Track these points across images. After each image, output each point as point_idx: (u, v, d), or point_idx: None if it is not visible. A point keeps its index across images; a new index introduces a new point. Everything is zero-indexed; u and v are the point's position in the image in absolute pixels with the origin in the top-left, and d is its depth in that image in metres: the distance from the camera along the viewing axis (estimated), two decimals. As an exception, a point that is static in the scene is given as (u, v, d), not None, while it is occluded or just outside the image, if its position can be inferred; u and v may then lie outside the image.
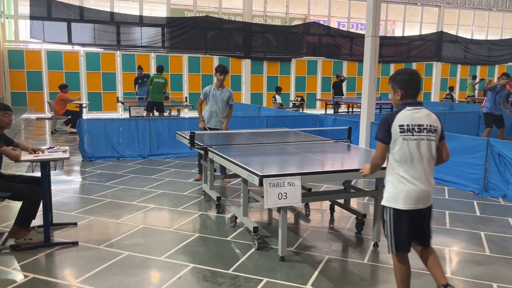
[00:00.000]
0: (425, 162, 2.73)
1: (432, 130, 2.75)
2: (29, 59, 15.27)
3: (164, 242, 4.13)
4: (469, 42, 21.46)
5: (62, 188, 6.01)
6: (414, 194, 2.73)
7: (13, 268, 3.57)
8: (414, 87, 2.82)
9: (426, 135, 2.72)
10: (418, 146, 2.71)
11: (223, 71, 6.19)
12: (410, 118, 2.73)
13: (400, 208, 2.74)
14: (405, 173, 2.73)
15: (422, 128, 2.72)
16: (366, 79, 7.59)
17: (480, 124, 10.60)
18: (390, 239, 2.82)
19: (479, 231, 4.55)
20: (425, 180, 2.74)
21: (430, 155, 2.75)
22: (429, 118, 2.77)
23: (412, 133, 2.70)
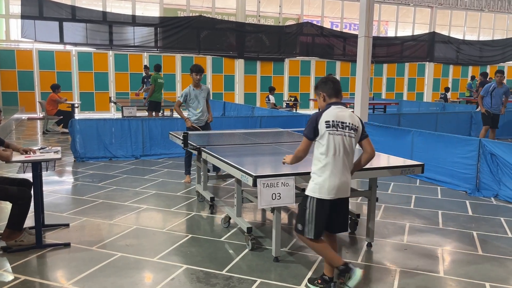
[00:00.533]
0: (346, 156, 3.05)
1: (354, 128, 3.07)
2: (20, 59, 15.13)
3: (157, 243, 4.10)
4: (461, 43, 21.62)
5: (54, 189, 5.96)
6: (336, 184, 3.03)
7: (4, 270, 3.53)
8: (334, 89, 3.13)
9: (348, 132, 3.04)
10: (342, 141, 3.02)
11: (198, 70, 6.21)
12: (335, 115, 3.04)
13: (324, 198, 3.04)
14: (329, 165, 3.02)
15: (345, 126, 3.04)
16: (359, 79, 7.61)
17: (472, 124, 10.68)
18: (310, 226, 3.09)
19: (471, 230, 4.58)
20: (346, 172, 3.08)
21: (350, 150, 3.08)
22: (352, 118, 3.09)
23: (336, 129, 3.01)
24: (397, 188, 6.24)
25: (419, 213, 5.15)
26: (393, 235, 4.41)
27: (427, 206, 5.40)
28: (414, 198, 5.77)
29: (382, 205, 5.37)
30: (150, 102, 11.09)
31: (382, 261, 3.79)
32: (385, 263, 3.74)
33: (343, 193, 3.08)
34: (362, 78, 7.56)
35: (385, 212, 5.17)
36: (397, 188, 6.26)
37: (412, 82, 21.42)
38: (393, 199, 5.69)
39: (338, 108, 3.07)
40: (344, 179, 3.05)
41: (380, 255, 3.93)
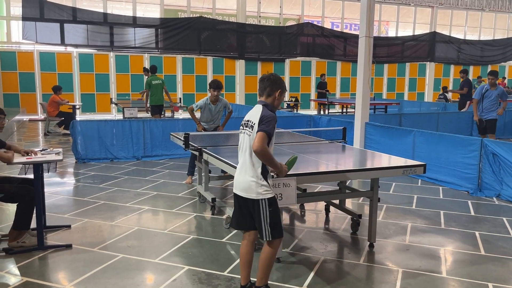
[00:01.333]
0: (244, 154, 3.02)
1: (249, 125, 2.98)
2: (21, 60, 15.15)
3: (158, 244, 4.10)
4: (462, 43, 21.60)
5: (56, 190, 5.96)
6: (236, 180, 3.08)
7: (6, 271, 3.53)
8: (259, 88, 3.13)
9: (245, 130, 3.03)
10: (242, 139, 3.05)
11: (216, 87, 6.10)
12: (247, 114, 3.10)
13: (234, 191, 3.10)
14: (238, 161, 3.11)
15: (244, 123, 3.06)
16: (360, 80, 7.60)
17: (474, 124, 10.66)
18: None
19: (473, 230, 4.57)
20: (243, 170, 3.01)
21: (247, 148, 2.99)
22: (252, 114, 3.03)
23: (242, 127, 3.07)
24: (399, 188, 6.23)
25: (421, 213, 5.14)
26: (395, 235, 4.41)
27: (429, 206, 5.39)
28: (416, 198, 5.76)
29: (384, 205, 5.36)
30: (152, 107, 10.54)
31: (384, 261, 3.79)
32: (387, 264, 3.73)
33: (240, 190, 3.02)
34: (363, 78, 7.55)
35: (387, 212, 5.16)
36: (399, 188, 6.25)
37: (413, 82, 21.39)
38: (395, 199, 5.68)
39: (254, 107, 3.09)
40: (240, 177, 3.03)
41: (382, 255, 3.92)
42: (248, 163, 2.97)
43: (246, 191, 2.99)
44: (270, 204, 2.96)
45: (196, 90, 17.37)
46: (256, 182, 2.94)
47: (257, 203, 2.96)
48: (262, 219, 2.96)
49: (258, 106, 3.03)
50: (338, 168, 3.90)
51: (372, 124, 7.82)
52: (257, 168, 2.95)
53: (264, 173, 2.96)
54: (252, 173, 2.96)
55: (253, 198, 2.95)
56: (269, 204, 2.96)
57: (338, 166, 4.09)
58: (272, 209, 2.97)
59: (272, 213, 2.97)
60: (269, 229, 2.96)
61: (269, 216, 2.95)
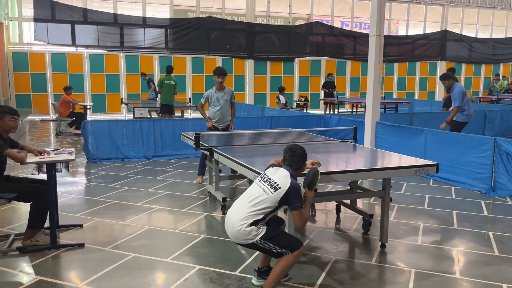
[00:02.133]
0: (248, 203, 3.04)
1: (272, 185, 3.04)
2: (33, 61, 15.31)
3: (170, 244, 4.11)
4: (474, 41, 21.35)
5: (67, 189, 6.01)
6: (227, 218, 3.14)
7: (20, 270, 3.56)
8: (287, 157, 3.22)
9: (264, 185, 3.09)
10: (255, 190, 3.11)
11: (221, 73, 6.21)
12: (270, 170, 3.21)
13: None
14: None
15: (266, 178, 3.13)
16: (371, 79, 7.55)
17: (486, 123, 10.55)
18: None
19: (487, 231, 4.51)
20: (235, 213, 3.07)
21: (258, 202, 3.02)
22: (277, 175, 3.10)
23: (261, 181, 3.15)
24: (410, 188, 6.18)
25: (433, 213, 5.09)
26: (407, 235, 4.37)
27: (441, 207, 5.34)
28: (428, 198, 5.71)
29: (395, 205, 5.31)
30: (161, 105, 10.92)
31: (396, 262, 3.76)
32: (400, 264, 3.70)
33: (231, 234, 3.07)
34: (373, 78, 7.50)
35: (399, 212, 5.12)
36: (410, 188, 6.20)
37: (423, 81, 21.21)
38: (406, 199, 5.63)
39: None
40: (231, 219, 3.07)
41: (394, 256, 3.89)
42: (246, 213, 2.97)
43: (236, 239, 3.03)
44: (268, 238, 2.95)
45: (206, 90, 17.28)
46: (244, 230, 2.94)
47: (255, 246, 2.99)
48: (272, 251, 2.98)
49: (285, 172, 3.08)
50: (350, 167, 3.88)
51: (383, 123, 7.77)
52: (251, 220, 2.96)
53: (256, 223, 2.97)
54: (244, 222, 2.95)
55: (247, 244, 2.99)
56: (266, 238, 2.95)
57: (350, 165, 4.07)
58: (273, 239, 2.96)
59: (276, 240, 2.96)
60: (285, 250, 2.97)
61: (275, 245, 2.96)
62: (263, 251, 3.06)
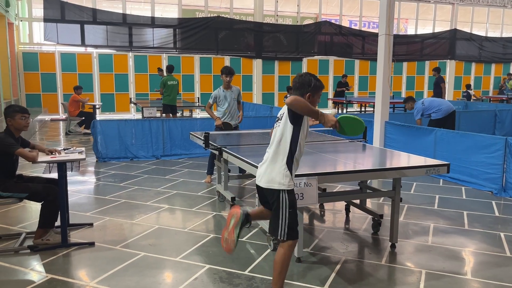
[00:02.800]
0: (271, 145, 2.99)
1: (280, 118, 2.98)
2: (43, 61, 15.44)
3: (179, 243, 4.13)
4: (484, 40, 21.14)
5: (77, 188, 6.06)
6: (258, 173, 3.09)
7: (31, 268, 3.60)
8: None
9: (276, 124, 3.03)
10: (273, 135, 3.04)
11: (228, 72, 6.27)
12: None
13: None
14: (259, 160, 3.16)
15: (276, 121, 3.06)
16: (380, 78, 7.51)
17: (496, 122, 10.45)
18: None
19: (498, 231, 4.47)
20: (266, 162, 3.02)
21: (275, 138, 2.96)
22: (281, 111, 3.04)
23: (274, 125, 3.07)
24: (420, 188, 6.14)
25: (443, 213, 5.05)
26: (417, 236, 4.34)
27: (452, 207, 5.30)
28: (438, 198, 5.66)
29: (405, 205, 5.28)
30: (164, 106, 10.96)
31: (406, 262, 3.73)
32: (410, 265, 3.68)
33: (263, 182, 2.98)
34: (383, 77, 7.45)
35: (408, 212, 5.09)
36: (420, 188, 6.16)
37: (432, 81, 20.93)
38: (416, 199, 5.60)
39: None
40: (262, 169, 3.02)
41: (405, 256, 3.87)
42: (274, 153, 2.91)
43: (268, 182, 2.92)
44: (291, 200, 2.89)
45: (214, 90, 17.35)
46: (279, 172, 2.87)
47: (277, 194, 2.88)
48: (280, 214, 2.87)
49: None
50: (359, 167, 3.86)
51: (392, 123, 7.72)
52: (283, 158, 2.87)
53: (289, 163, 2.88)
54: (277, 163, 2.89)
55: (274, 188, 2.89)
56: (289, 200, 2.88)
57: (359, 165, 4.05)
58: (292, 209, 2.90)
59: (292, 213, 2.89)
60: (286, 229, 2.88)
61: (288, 214, 2.87)
62: (275, 212, 2.92)
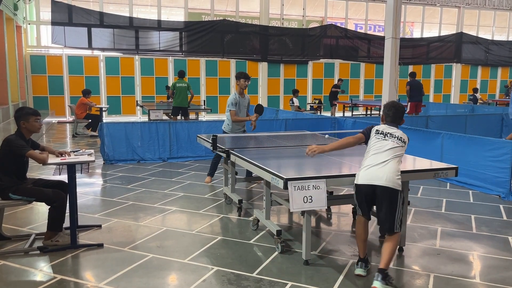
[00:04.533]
0: (388, 156, 3.46)
1: (401, 140, 3.53)
2: (50, 64, 15.58)
3: (187, 245, 4.14)
4: (490, 43, 21.08)
5: (85, 190, 6.10)
6: (373, 173, 3.43)
7: (41, 269, 3.63)
8: (391, 114, 3.66)
9: (393, 139, 3.51)
10: (384, 144, 3.51)
11: (245, 76, 6.13)
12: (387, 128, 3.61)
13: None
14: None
15: (390, 134, 3.53)
16: (387, 81, 7.53)
17: (503, 126, 10.40)
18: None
19: (506, 235, 4.45)
20: (385, 166, 3.42)
21: (395, 153, 3.49)
22: (398, 132, 3.56)
23: (387, 136, 3.53)
24: (427, 192, 6.13)
25: (451, 217, 5.04)
26: (425, 239, 4.33)
27: (459, 210, 5.28)
28: (445, 202, 5.65)
29: (412, 209, 5.27)
30: (173, 108, 11.07)
31: (414, 266, 3.73)
32: (418, 268, 3.67)
33: (381, 181, 3.35)
34: (389, 80, 7.47)
35: (416, 216, 5.08)
36: (427, 191, 6.15)
37: (438, 84, 21.00)
38: (423, 203, 5.59)
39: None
40: (381, 171, 3.38)
41: (412, 259, 3.86)
42: (393, 163, 3.40)
43: (388, 181, 3.32)
44: (402, 198, 3.43)
45: (219, 93, 17.49)
46: (398, 177, 3.37)
47: (395, 194, 3.33)
48: (396, 211, 3.34)
49: (398, 129, 3.57)
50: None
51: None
52: (399, 169, 3.43)
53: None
54: (396, 170, 3.38)
55: (394, 188, 3.33)
56: (402, 198, 3.41)
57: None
58: (403, 205, 3.46)
59: (402, 208, 3.40)
60: (400, 222, 3.36)
61: (401, 210, 3.37)
62: (390, 209, 3.33)
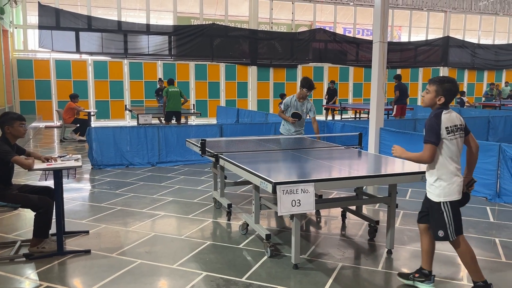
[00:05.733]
0: (458, 156, 3.19)
1: (462, 128, 3.18)
2: (37, 68, 15.42)
3: (175, 250, 4.11)
4: (476, 47, 21.37)
5: (73, 196, 6.03)
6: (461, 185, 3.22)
7: (27, 277, 3.57)
8: (452, 93, 3.18)
9: (460, 133, 3.16)
10: (456, 144, 3.15)
11: (309, 87, 5.91)
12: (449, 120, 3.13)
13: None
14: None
15: (454, 128, 3.13)
16: (375, 85, 7.57)
17: (490, 129, 10.54)
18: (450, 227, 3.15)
19: (493, 237, 4.50)
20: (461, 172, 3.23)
21: (460, 149, 3.19)
22: (456, 118, 3.16)
23: (455, 133, 3.13)
24: (415, 194, 6.17)
25: (438, 219, 5.07)
26: (413, 242, 4.36)
27: (447, 213, 5.31)
28: (433, 204, 5.68)
29: (400, 212, 5.30)
30: (166, 113, 11.35)
31: (403, 268, 3.75)
32: (407, 271, 3.68)
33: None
34: (377, 84, 7.52)
35: (404, 218, 5.11)
36: (415, 194, 6.19)
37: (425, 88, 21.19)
38: (412, 206, 5.62)
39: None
40: (460, 178, 3.22)
41: (401, 262, 3.88)
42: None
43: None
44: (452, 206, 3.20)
45: (209, 97, 17.48)
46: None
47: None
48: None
49: (453, 112, 3.17)
50: (356, 174, 3.88)
51: (387, 129, 7.77)
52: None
53: None
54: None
55: None
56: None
57: (355, 171, 4.07)
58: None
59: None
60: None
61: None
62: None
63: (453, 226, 3.12)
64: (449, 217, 3.12)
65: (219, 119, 15.23)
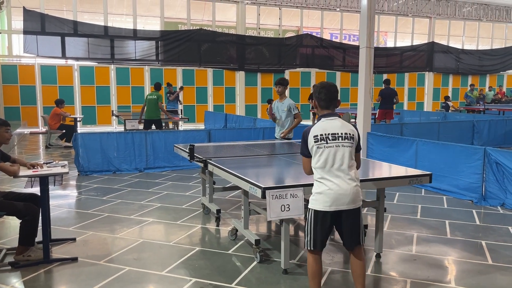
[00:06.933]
0: (341, 166, 2.91)
1: (348, 137, 2.94)
2: (22, 74, 15.21)
3: (164, 257, 4.08)
4: (461, 52, 21.74)
5: (59, 203, 5.95)
6: (338, 197, 2.91)
7: (12, 285, 3.50)
8: (325, 98, 2.99)
9: (342, 142, 2.92)
10: (334, 152, 2.91)
11: (277, 83, 6.37)
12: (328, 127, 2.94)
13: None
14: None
15: (334, 136, 2.92)
16: (362, 90, 7.64)
17: (475, 133, 10.70)
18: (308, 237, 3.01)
19: (479, 240, 4.55)
20: (345, 183, 2.92)
21: (346, 159, 2.92)
22: (338, 125, 2.95)
23: (333, 140, 2.91)
24: (403, 198, 6.22)
25: (426, 223, 5.12)
26: (401, 245, 4.39)
27: (434, 216, 5.38)
28: (420, 208, 5.75)
29: (388, 216, 5.34)
30: (144, 121, 10.42)
31: (392, 272, 3.77)
32: (395, 274, 3.71)
33: (348, 203, 2.92)
34: (364, 89, 7.58)
35: (392, 222, 5.15)
36: (403, 198, 6.25)
37: (412, 92, 21.47)
38: (399, 209, 5.67)
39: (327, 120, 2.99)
40: (347, 189, 2.90)
41: (390, 266, 3.91)
42: (350, 174, 2.91)
43: (354, 202, 2.93)
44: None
45: (197, 102, 17.44)
46: (359, 187, 2.98)
47: (358, 211, 2.97)
48: (360, 224, 3.00)
49: (337, 119, 2.97)
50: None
51: (374, 134, 7.84)
52: (357, 174, 2.99)
53: None
54: (356, 180, 2.95)
55: (358, 207, 2.96)
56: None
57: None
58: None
59: None
60: (364, 232, 3.09)
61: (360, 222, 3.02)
62: (354, 226, 2.95)
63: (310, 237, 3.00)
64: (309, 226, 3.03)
65: (207, 124, 15.19)
